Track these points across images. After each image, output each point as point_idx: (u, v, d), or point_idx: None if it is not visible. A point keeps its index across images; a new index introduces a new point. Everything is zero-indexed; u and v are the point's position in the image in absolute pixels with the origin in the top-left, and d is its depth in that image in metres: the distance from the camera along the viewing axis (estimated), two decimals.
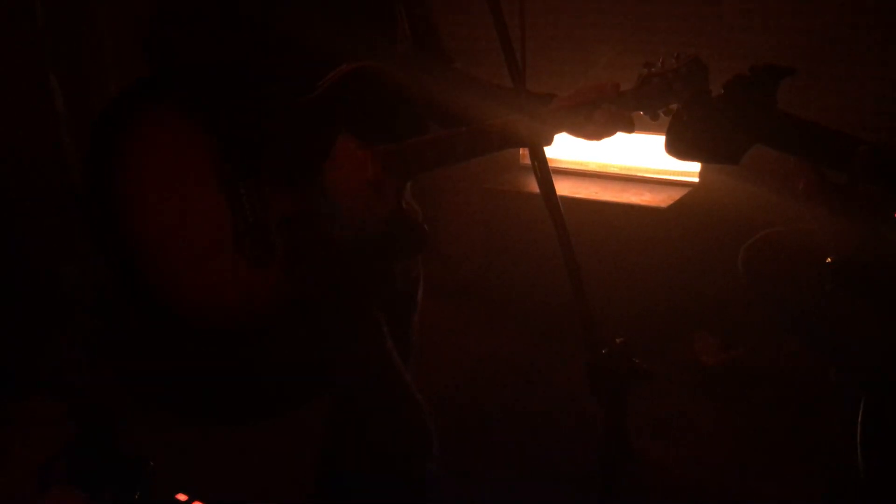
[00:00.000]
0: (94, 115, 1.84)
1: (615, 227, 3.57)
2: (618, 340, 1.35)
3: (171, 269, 1.83)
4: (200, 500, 1.55)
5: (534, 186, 1.53)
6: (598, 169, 3.95)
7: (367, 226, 1.87)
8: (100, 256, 1.84)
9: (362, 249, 1.91)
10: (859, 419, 2.15)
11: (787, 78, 1.54)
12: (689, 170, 3.71)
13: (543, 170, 1.45)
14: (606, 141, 2.00)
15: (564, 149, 3.96)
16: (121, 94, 1.85)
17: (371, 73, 1.88)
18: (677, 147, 1.58)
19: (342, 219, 1.86)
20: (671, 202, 3.58)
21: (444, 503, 2.09)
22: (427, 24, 2.12)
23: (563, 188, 3.69)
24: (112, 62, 3.77)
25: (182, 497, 1.58)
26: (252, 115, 1.81)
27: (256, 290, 1.86)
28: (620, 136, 1.99)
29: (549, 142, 1.91)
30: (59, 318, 3.38)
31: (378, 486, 1.98)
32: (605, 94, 1.93)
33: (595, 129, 1.95)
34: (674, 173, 3.76)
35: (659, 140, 3.84)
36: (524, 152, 4.03)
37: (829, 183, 1.63)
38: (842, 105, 3.43)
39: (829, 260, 1.81)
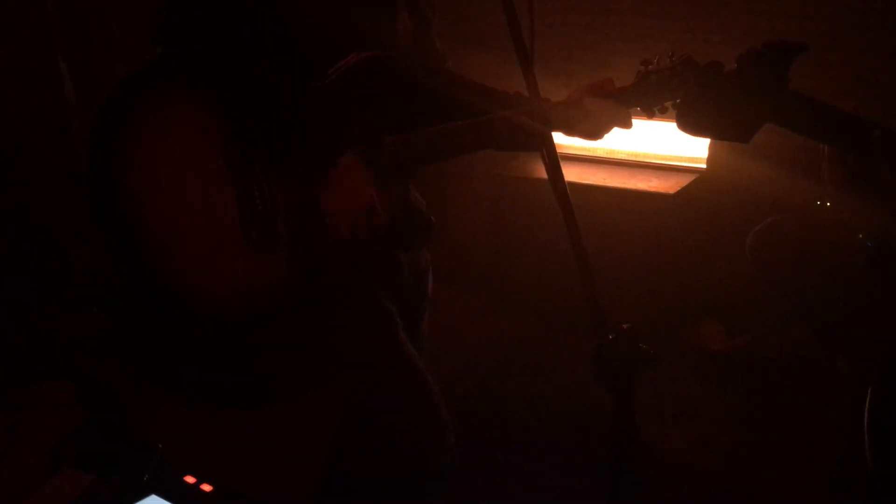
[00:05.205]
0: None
1: (622, 213, 3.56)
2: (625, 326, 1.36)
3: (175, 255, 1.81)
4: (209, 483, 1.56)
5: (542, 172, 1.53)
6: (605, 155, 3.94)
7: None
8: (100, 239, 1.82)
9: (368, 239, 1.91)
10: (867, 406, 2.15)
11: (799, 56, 1.53)
12: (697, 156, 3.70)
13: (551, 155, 1.46)
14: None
15: None
16: (126, 75, 1.81)
17: (383, 63, 1.88)
18: (688, 121, 1.58)
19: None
20: (679, 188, 3.58)
21: (450, 488, 2.10)
22: (424, 22, 2.13)
23: (571, 174, 3.68)
24: (121, 49, 3.77)
25: (190, 479, 1.59)
26: (262, 101, 1.81)
27: (260, 278, 1.85)
28: None
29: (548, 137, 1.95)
30: (69, 302, 3.39)
31: (389, 478, 1.97)
32: (604, 90, 1.96)
33: (592, 125, 1.97)
34: (682, 159, 3.76)
35: (666, 126, 3.85)
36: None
37: (854, 169, 1.63)
38: (853, 92, 3.41)
39: (860, 236, 1.81)
